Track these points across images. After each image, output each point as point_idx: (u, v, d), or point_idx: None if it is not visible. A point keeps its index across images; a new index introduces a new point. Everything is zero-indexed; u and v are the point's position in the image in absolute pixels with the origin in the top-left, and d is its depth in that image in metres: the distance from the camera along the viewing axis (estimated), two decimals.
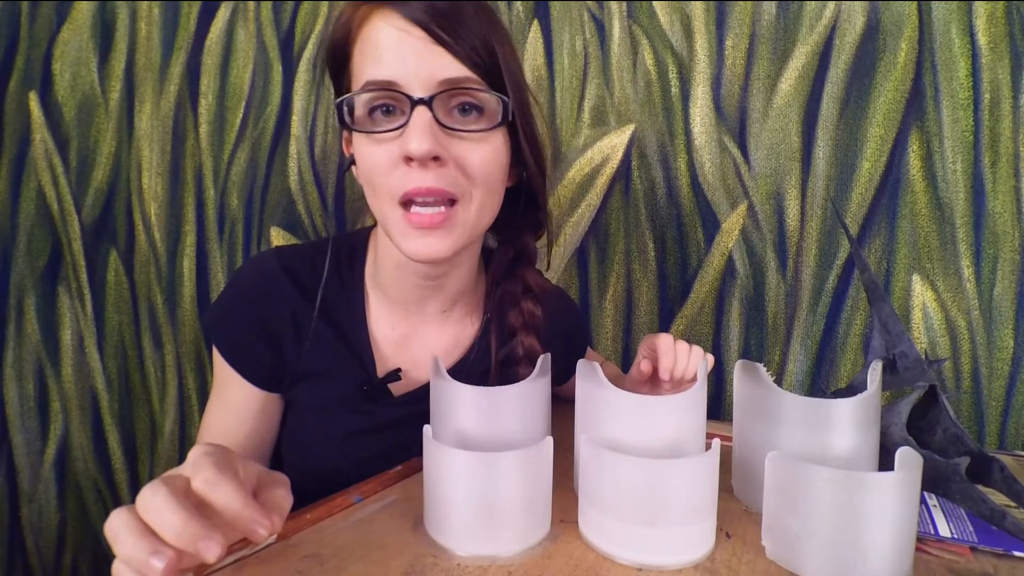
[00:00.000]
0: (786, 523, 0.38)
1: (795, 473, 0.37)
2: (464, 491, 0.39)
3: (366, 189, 0.53)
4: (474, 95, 0.50)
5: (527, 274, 0.64)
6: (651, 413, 0.44)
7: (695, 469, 0.38)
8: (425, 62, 0.48)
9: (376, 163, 0.50)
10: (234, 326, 0.60)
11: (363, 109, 0.50)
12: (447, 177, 0.49)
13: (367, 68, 0.49)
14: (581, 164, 0.93)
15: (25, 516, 1.20)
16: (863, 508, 0.35)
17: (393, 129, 0.49)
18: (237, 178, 1.08)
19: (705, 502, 0.39)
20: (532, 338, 0.62)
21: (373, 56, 0.49)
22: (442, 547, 0.41)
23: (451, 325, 0.64)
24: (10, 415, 1.19)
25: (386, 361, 0.62)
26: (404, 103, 0.48)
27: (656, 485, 0.38)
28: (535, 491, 0.41)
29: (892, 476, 0.35)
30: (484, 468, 0.39)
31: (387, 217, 0.52)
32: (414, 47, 0.48)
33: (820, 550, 0.37)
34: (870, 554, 0.35)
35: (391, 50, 0.48)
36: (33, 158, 1.14)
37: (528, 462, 0.40)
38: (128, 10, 1.09)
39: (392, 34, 0.48)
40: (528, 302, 0.63)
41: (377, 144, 0.50)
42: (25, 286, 1.16)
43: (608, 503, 0.39)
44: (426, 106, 0.47)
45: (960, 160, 0.79)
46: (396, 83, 0.48)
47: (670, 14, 0.88)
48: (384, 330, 0.62)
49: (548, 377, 0.52)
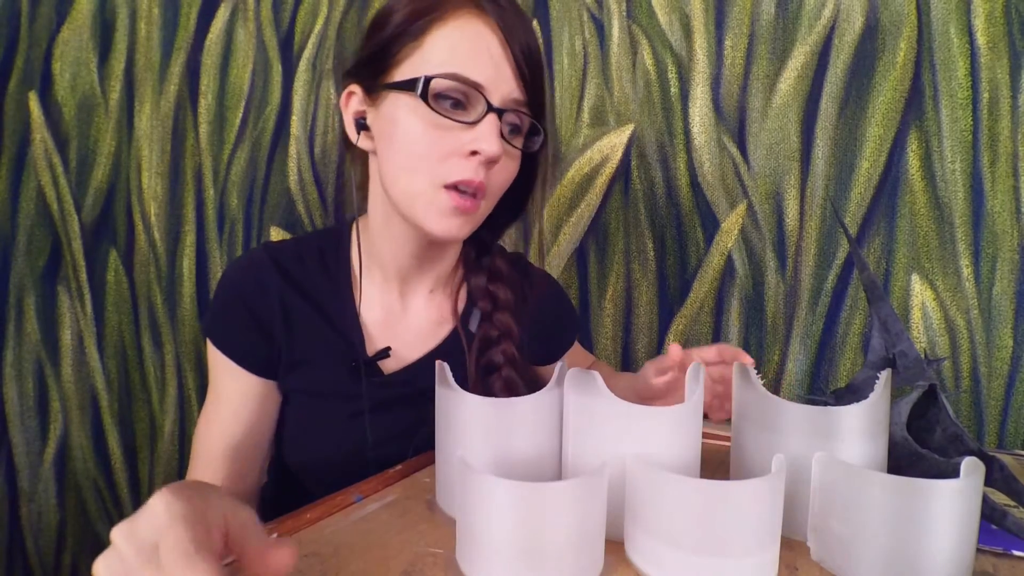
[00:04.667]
0: (833, 526, 0.37)
1: (845, 477, 0.36)
2: (505, 526, 0.35)
3: (400, 164, 0.56)
4: (524, 120, 0.58)
5: (495, 263, 0.69)
6: (649, 423, 0.41)
7: (758, 491, 0.35)
8: (507, 81, 0.55)
9: (436, 147, 0.54)
10: (226, 316, 0.63)
11: (433, 91, 0.54)
12: (487, 176, 0.56)
13: (454, 59, 0.53)
14: (580, 164, 0.93)
15: (25, 516, 1.20)
16: (922, 516, 0.34)
17: (466, 122, 0.54)
18: (237, 178, 1.08)
19: (769, 528, 0.36)
20: (505, 315, 0.66)
21: (467, 52, 0.54)
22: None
23: (436, 306, 0.68)
24: (10, 415, 1.19)
25: (374, 341, 0.65)
26: (480, 105, 0.54)
27: (714, 510, 0.35)
28: (587, 526, 0.36)
29: (956, 484, 0.34)
30: (530, 500, 0.34)
31: (421, 195, 0.56)
32: (502, 65, 0.55)
33: (872, 557, 0.35)
34: (927, 564, 0.34)
35: (486, 56, 0.54)
36: (33, 158, 1.14)
37: (581, 494, 0.35)
38: (128, 10, 1.09)
39: (490, 42, 0.54)
40: (498, 286, 0.67)
41: (442, 130, 0.54)
42: (25, 286, 1.16)
43: (661, 530, 0.36)
44: (498, 116, 0.54)
45: (959, 159, 0.79)
46: (483, 87, 0.54)
47: (669, 14, 0.88)
48: (373, 312, 0.65)
49: (561, 389, 0.51)
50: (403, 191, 0.57)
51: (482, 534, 0.36)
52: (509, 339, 0.65)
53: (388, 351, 0.64)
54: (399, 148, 0.56)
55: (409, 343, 0.66)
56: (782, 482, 0.36)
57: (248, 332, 0.62)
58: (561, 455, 0.46)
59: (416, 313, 0.67)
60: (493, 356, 0.65)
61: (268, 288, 0.62)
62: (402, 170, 0.56)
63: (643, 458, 0.37)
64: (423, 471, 0.56)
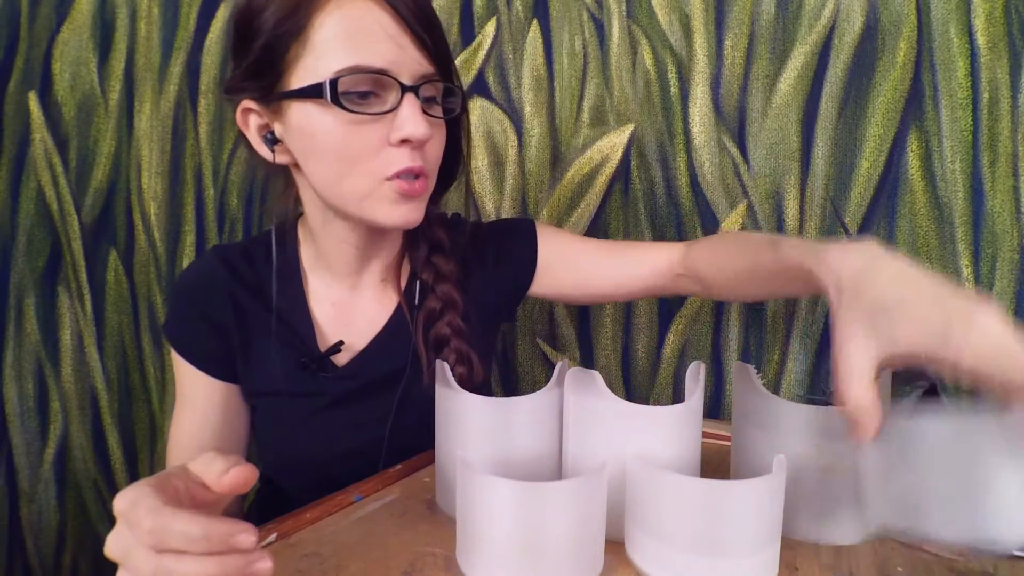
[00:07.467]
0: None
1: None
2: (505, 525, 0.35)
3: (333, 172, 0.53)
4: (438, 87, 0.56)
5: (434, 234, 0.67)
6: (646, 423, 0.41)
7: (759, 491, 0.35)
8: (412, 56, 0.52)
9: (363, 145, 0.52)
10: (182, 320, 0.63)
11: (340, 91, 0.50)
12: (422, 157, 0.54)
13: (351, 49, 0.50)
14: (580, 164, 0.93)
15: (25, 516, 1.20)
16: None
17: (385, 112, 0.52)
18: (237, 178, 1.08)
19: (770, 528, 0.36)
20: (447, 286, 0.65)
21: (361, 37, 0.50)
22: None
23: (388, 296, 0.67)
24: (10, 415, 1.19)
25: (326, 337, 0.65)
26: (393, 90, 0.52)
27: (715, 509, 0.35)
28: (587, 525, 0.36)
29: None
30: (530, 500, 0.34)
31: (366, 195, 0.54)
32: (402, 41, 0.51)
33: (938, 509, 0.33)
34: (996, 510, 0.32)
35: (383, 37, 0.51)
36: (33, 158, 1.14)
37: (581, 494, 0.35)
38: (128, 10, 1.09)
39: (381, 18, 0.50)
40: (437, 257, 0.66)
41: (363, 125, 0.52)
42: (25, 286, 1.16)
43: (662, 530, 0.36)
44: (414, 94, 0.52)
45: (959, 160, 0.79)
46: (389, 71, 0.51)
47: (669, 14, 0.88)
48: (323, 308, 0.65)
49: (561, 388, 0.51)
50: (345, 196, 0.55)
51: (482, 534, 0.36)
52: (453, 310, 0.65)
53: (340, 345, 0.63)
54: (325, 157, 0.53)
55: (362, 332, 0.65)
56: (782, 482, 0.36)
57: (204, 334, 0.62)
58: (561, 455, 0.46)
59: (367, 304, 0.66)
60: (440, 329, 0.64)
61: (220, 288, 0.62)
62: (337, 177, 0.54)
63: (643, 458, 0.37)
64: (423, 471, 0.57)
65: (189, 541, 0.29)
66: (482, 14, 0.95)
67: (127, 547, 0.31)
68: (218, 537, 0.29)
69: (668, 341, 0.91)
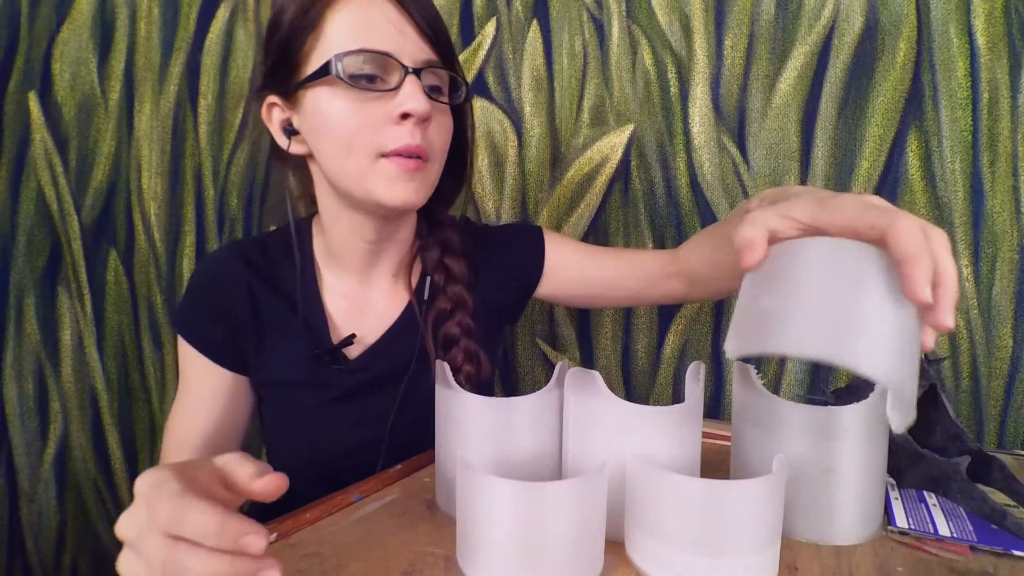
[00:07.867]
0: (762, 304, 0.35)
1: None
2: (505, 525, 0.35)
3: (337, 148, 0.56)
4: (442, 75, 0.59)
5: (446, 235, 0.69)
6: (646, 423, 0.41)
7: (758, 491, 0.35)
8: (414, 43, 0.56)
9: (364, 121, 0.55)
10: (195, 309, 0.64)
11: (346, 71, 0.54)
12: (425, 138, 0.56)
13: (357, 35, 0.54)
14: (580, 164, 0.93)
15: (25, 516, 1.20)
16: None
17: (386, 89, 0.54)
18: (237, 178, 1.08)
19: (770, 528, 0.36)
20: (458, 287, 0.67)
21: (368, 27, 0.54)
22: None
23: (399, 292, 0.68)
24: (10, 415, 1.19)
25: (339, 330, 0.66)
26: (396, 71, 0.54)
27: (715, 509, 0.35)
28: (587, 525, 0.36)
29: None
30: (530, 500, 0.34)
31: (366, 172, 0.56)
32: (406, 30, 0.55)
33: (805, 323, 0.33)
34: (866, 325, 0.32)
35: (388, 26, 0.55)
36: (33, 158, 1.14)
37: (581, 494, 0.35)
38: (128, 10, 1.09)
39: (386, 11, 0.55)
40: (449, 258, 0.68)
41: (367, 103, 0.55)
42: (25, 286, 1.16)
43: (662, 530, 0.36)
44: (416, 76, 0.55)
45: (958, 160, 0.79)
46: (392, 53, 0.54)
47: (669, 14, 0.88)
48: (337, 301, 0.66)
49: (561, 389, 0.51)
50: (348, 173, 0.56)
51: (482, 534, 0.36)
52: (463, 310, 0.66)
53: (352, 338, 0.64)
54: (331, 134, 0.56)
55: (372, 327, 0.67)
56: (782, 482, 0.36)
57: (217, 324, 0.64)
58: (561, 455, 0.46)
59: (379, 299, 0.68)
60: (449, 328, 0.66)
61: (236, 280, 0.64)
62: (340, 152, 0.56)
63: (643, 458, 0.37)
64: (423, 471, 0.56)
65: (205, 534, 0.29)
66: (482, 14, 0.95)
67: (140, 528, 0.30)
68: (233, 534, 0.29)
69: (668, 341, 0.91)
